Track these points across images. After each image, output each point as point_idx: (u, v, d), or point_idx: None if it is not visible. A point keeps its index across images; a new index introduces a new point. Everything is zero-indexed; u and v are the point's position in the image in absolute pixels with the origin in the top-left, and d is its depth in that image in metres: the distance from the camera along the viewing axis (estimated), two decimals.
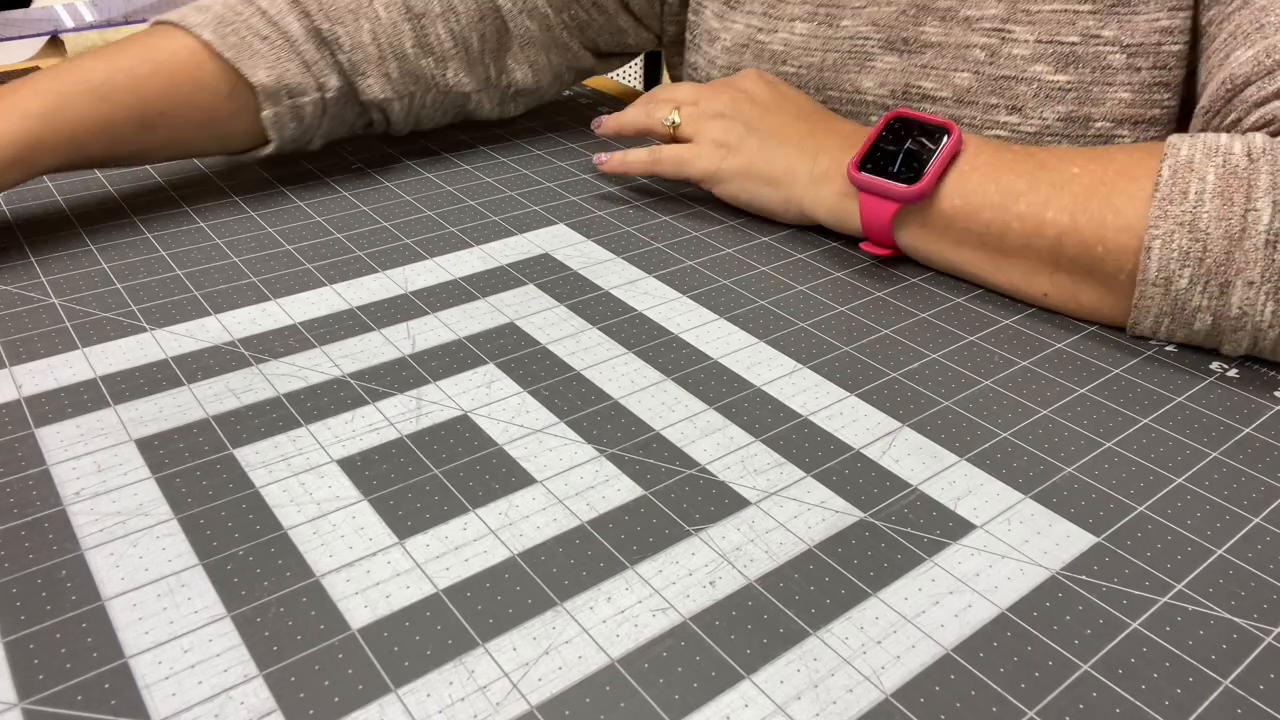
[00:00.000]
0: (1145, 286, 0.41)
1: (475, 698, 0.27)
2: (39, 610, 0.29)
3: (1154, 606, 0.30)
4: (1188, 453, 0.37)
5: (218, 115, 0.54)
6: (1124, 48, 0.52)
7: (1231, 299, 0.40)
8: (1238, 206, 0.39)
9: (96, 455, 0.35)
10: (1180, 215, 0.40)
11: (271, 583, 0.30)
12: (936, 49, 0.56)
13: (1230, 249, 0.39)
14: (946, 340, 0.44)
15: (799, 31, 0.61)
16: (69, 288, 0.47)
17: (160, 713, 0.26)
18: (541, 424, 0.38)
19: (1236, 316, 0.40)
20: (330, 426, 0.37)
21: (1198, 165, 0.41)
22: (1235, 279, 0.39)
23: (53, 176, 0.59)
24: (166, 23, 0.54)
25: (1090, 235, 0.43)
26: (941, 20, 0.56)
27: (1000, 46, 0.54)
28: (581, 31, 0.66)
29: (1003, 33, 0.54)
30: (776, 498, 0.34)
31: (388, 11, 0.57)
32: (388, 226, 0.54)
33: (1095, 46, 0.52)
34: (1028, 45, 0.53)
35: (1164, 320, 0.42)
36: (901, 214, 0.48)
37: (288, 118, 0.55)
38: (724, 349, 0.43)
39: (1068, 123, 0.53)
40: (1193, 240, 0.40)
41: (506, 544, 0.32)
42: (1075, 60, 0.52)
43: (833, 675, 0.28)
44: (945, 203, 0.47)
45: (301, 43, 0.55)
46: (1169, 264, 0.40)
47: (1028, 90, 0.54)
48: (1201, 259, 0.40)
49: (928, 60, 0.56)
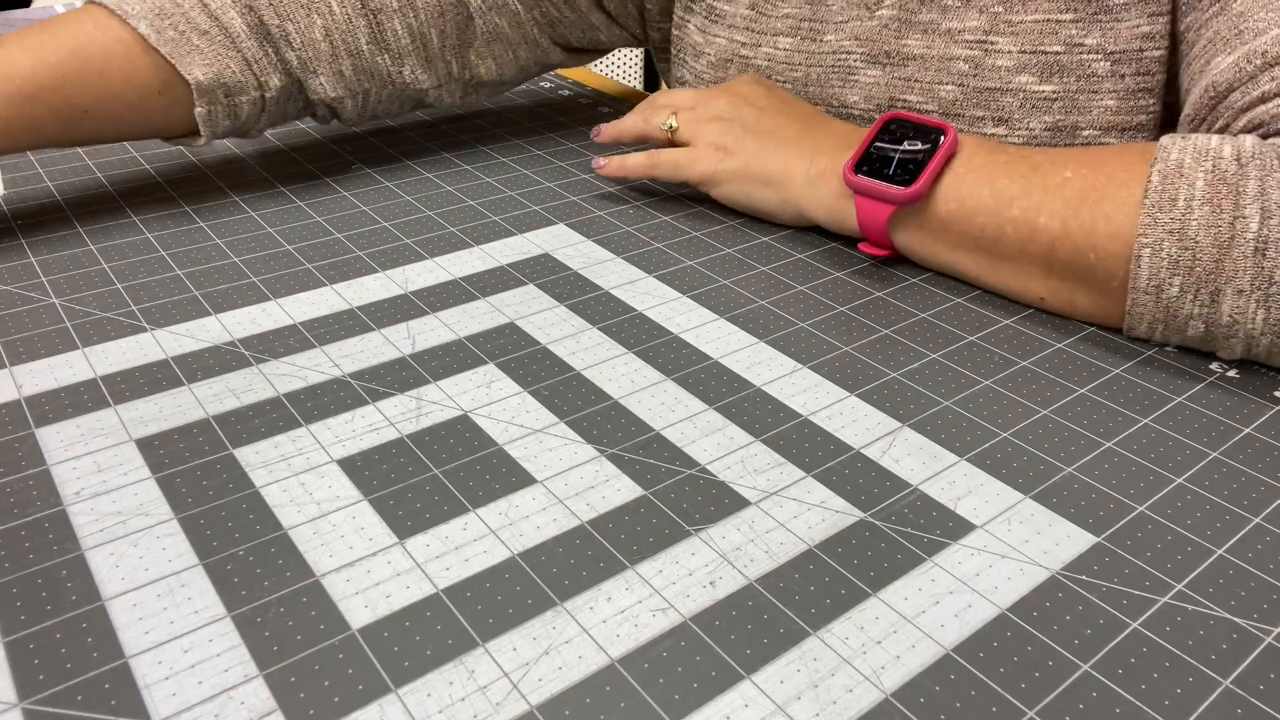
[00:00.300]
0: (1137, 294, 0.41)
1: (475, 698, 0.27)
2: (39, 610, 0.29)
3: (1154, 606, 0.30)
4: (1188, 453, 0.37)
5: (148, 110, 0.52)
6: (1108, 55, 0.51)
7: (1222, 307, 0.40)
8: (1226, 214, 0.39)
9: (96, 455, 0.35)
10: (1169, 223, 0.40)
11: (271, 583, 0.30)
12: (920, 62, 0.56)
13: (1220, 257, 0.39)
14: (946, 340, 0.44)
15: (782, 46, 0.61)
16: (69, 288, 0.47)
17: (160, 713, 0.26)
18: (541, 424, 0.38)
19: (1228, 325, 0.40)
20: (330, 426, 0.37)
21: (1187, 170, 0.41)
22: (1225, 287, 0.39)
23: (52, 176, 0.59)
24: (101, 5, 0.51)
25: (1082, 242, 0.43)
26: (923, 33, 0.56)
27: (984, 58, 0.54)
28: (552, 28, 0.65)
29: (985, 44, 0.54)
30: (776, 498, 0.34)
31: (341, 6, 0.55)
32: (388, 226, 0.54)
33: (1079, 55, 0.52)
34: (1011, 56, 0.53)
35: (1158, 327, 0.42)
36: (898, 216, 0.48)
37: (222, 115, 0.53)
38: (724, 349, 0.43)
39: (1055, 132, 0.53)
40: (1182, 249, 0.40)
41: (506, 544, 0.32)
42: (1060, 70, 0.52)
43: (833, 675, 0.28)
44: (940, 205, 0.47)
45: (244, 39, 0.53)
46: (1159, 272, 0.40)
47: (1013, 101, 0.54)
48: (1191, 267, 0.40)
49: (911, 73, 0.56)
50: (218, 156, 0.63)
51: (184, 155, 0.63)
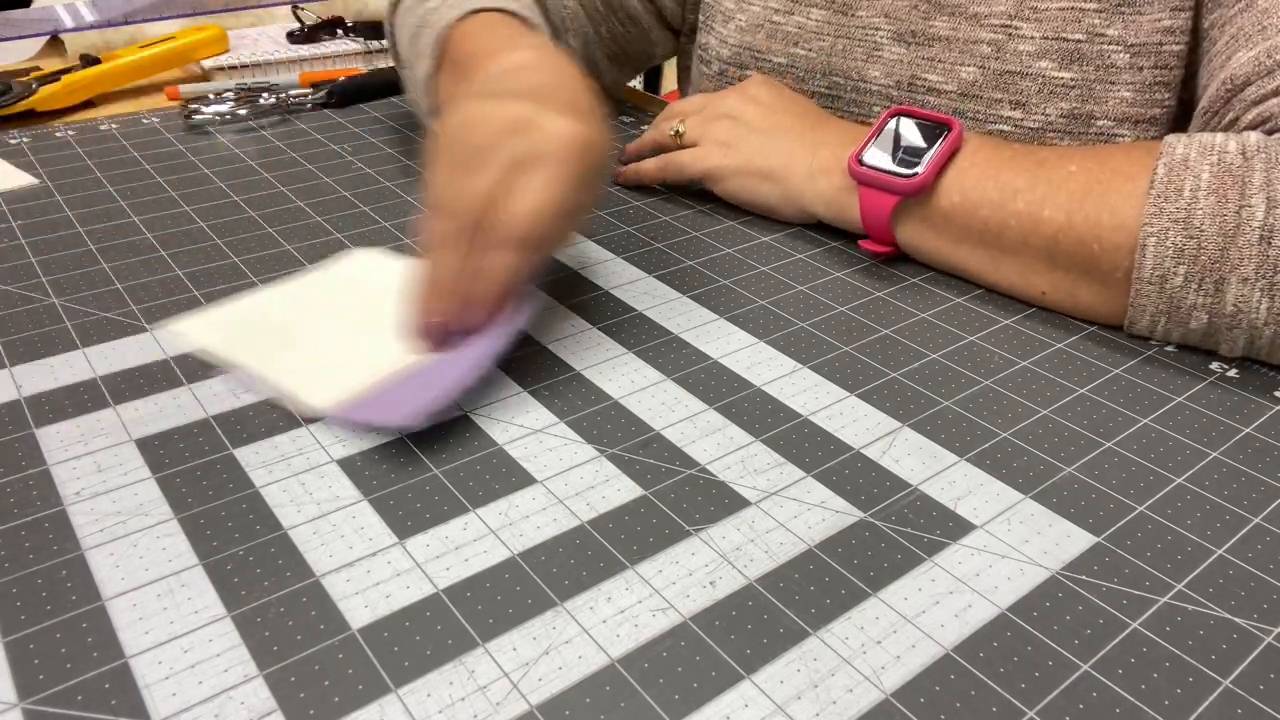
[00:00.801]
0: (1141, 284, 0.42)
1: (475, 698, 0.27)
2: (39, 610, 0.29)
3: (1154, 606, 0.30)
4: (1188, 453, 0.37)
5: None
6: (1128, 47, 0.52)
7: (1226, 296, 0.40)
8: (1232, 203, 0.39)
9: (96, 455, 0.35)
10: (1175, 212, 0.40)
11: (271, 583, 0.30)
12: (944, 43, 0.57)
13: (1225, 245, 0.39)
14: (946, 340, 0.44)
15: (814, 17, 0.62)
16: (69, 288, 0.47)
17: (160, 713, 0.26)
18: (541, 424, 0.38)
19: (1231, 314, 0.40)
20: (330, 426, 0.37)
21: (1193, 163, 0.41)
22: (1230, 275, 0.40)
23: (52, 176, 0.59)
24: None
25: (1086, 233, 0.43)
26: (951, 16, 0.57)
27: (1006, 43, 0.55)
28: (615, 43, 0.69)
29: (1010, 29, 0.55)
30: (776, 498, 0.34)
31: None
32: (387, 226, 0.54)
33: (1100, 45, 0.52)
34: (1034, 42, 0.54)
35: (1160, 319, 0.42)
36: (901, 210, 0.48)
37: None
38: (724, 349, 0.43)
39: (1070, 119, 0.54)
40: (1187, 237, 0.40)
41: (506, 544, 0.32)
42: (1080, 58, 0.53)
43: (833, 675, 0.28)
44: (944, 199, 0.47)
45: None
46: (1164, 261, 0.40)
47: (1032, 86, 0.54)
48: (1196, 256, 0.40)
49: (935, 53, 0.57)
50: (217, 156, 0.63)
51: (184, 155, 0.63)
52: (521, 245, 0.38)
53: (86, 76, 0.73)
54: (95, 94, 0.74)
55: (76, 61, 0.75)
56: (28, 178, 0.59)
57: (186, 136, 0.67)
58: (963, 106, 0.57)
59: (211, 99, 0.70)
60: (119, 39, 0.87)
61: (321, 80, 0.77)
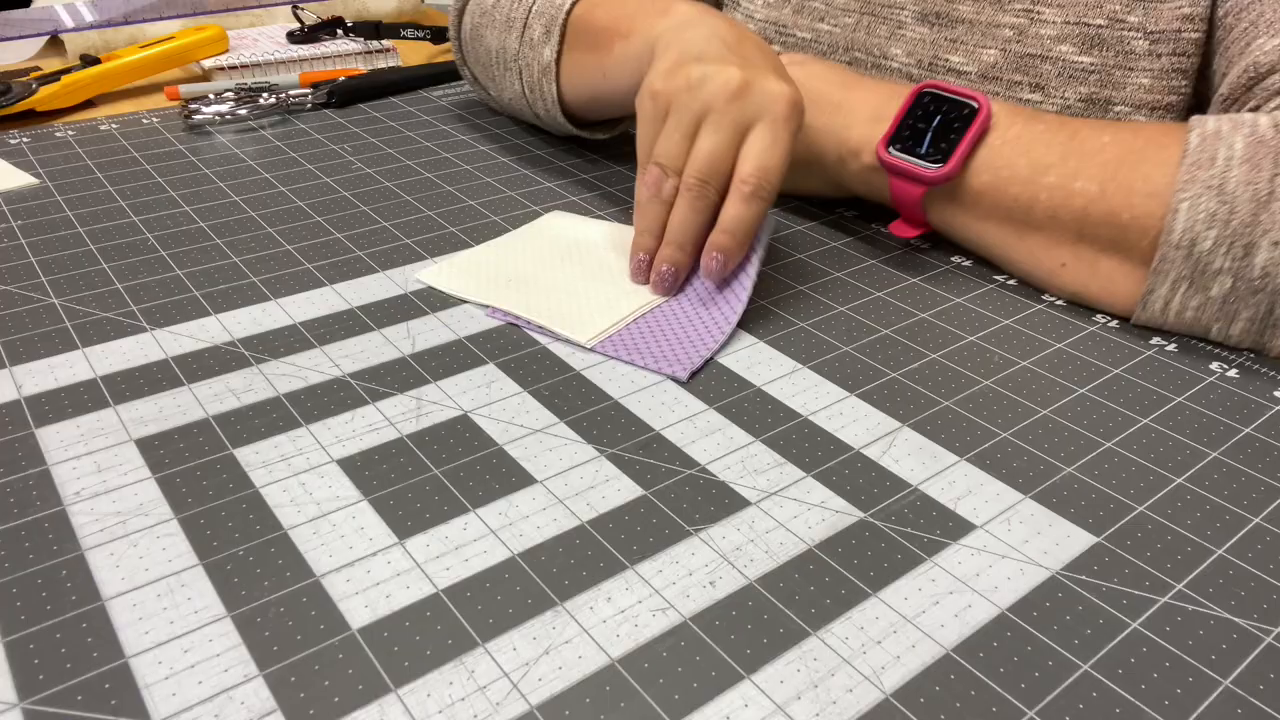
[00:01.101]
0: (1168, 249, 0.42)
1: (475, 698, 0.27)
2: (39, 610, 0.29)
3: (1154, 606, 0.30)
4: (1188, 453, 0.37)
5: None
6: (1147, 34, 0.53)
7: (1255, 259, 0.40)
8: (1265, 172, 0.40)
9: (96, 455, 0.35)
10: (1208, 179, 0.41)
11: (271, 583, 0.30)
12: (967, 25, 0.58)
13: (1257, 211, 0.40)
14: (946, 340, 0.44)
15: None
16: (69, 288, 0.47)
17: (160, 713, 0.26)
18: (541, 424, 0.38)
19: (1259, 278, 0.41)
20: (330, 426, 0.37)
21: (1225, 134, 0.42)
22: (1261, 240, 0.40)
23: (51, 176, 0.59)
24: None
25: (1118, 203, 0.43)
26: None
27: (1029, 26, 0.55)
28: None
29: (1033, 13, 0.56)
30: (776, 498, 0.34)
31: None
32: (388, 226, 0.54)
33: (1120, 31, 0.53)
34: (1055, 26, 0.55)
35: (1180, 286, 0.42)
36: (931, 190, 0.49)
37: None
38: (724, 349, 0.43)
39: (1088, 104, 0.54)
40: (1220, 203, 0.40)
41: (506, 544, 0.32)
42: (1100, 43, 0.54)
43: (833, 675, 0.28)
44: (974, 179, 0.47)
45: None
46: (1195, 225, 0.41)
47: (1052, 69, 0.55)
48: (1228, 221, 0.40)
49: (957, 35, 0.58)
50: (217, 156, 0.63)
51: (184, 155, 0.63)
52: (761, 197, 0.43)
53: (86, 76, 0.73)
54: (95, 94, 0.74)
55: (76, 62, 0.75)
56: (28, 178, 0.59)
57: (186, 136, 0.67)
58: (983, 88, 0.57)
59: (211, 99, 0.70)
60: (119, 39, 0.87)
61: (321, 80, 0.77)
